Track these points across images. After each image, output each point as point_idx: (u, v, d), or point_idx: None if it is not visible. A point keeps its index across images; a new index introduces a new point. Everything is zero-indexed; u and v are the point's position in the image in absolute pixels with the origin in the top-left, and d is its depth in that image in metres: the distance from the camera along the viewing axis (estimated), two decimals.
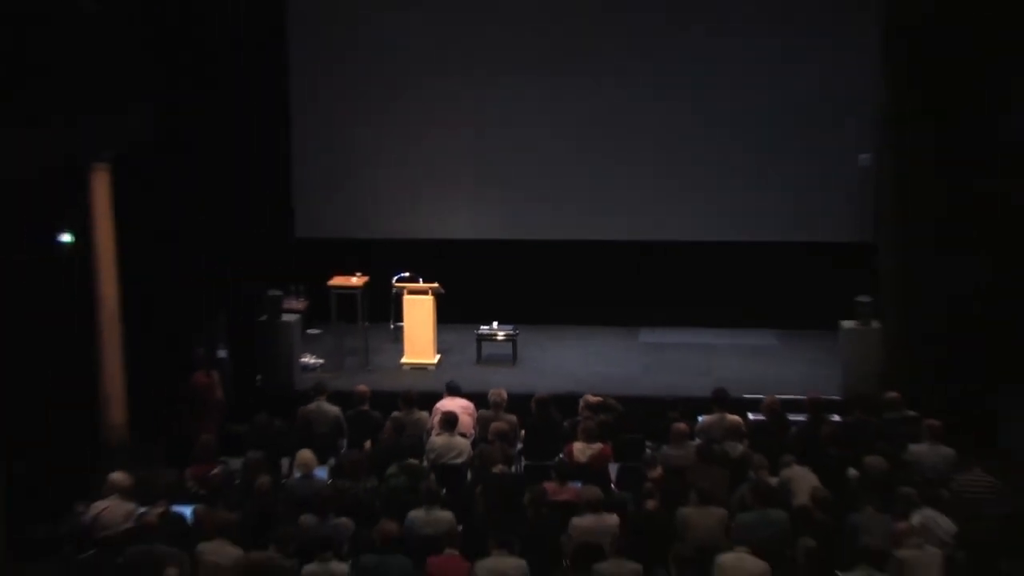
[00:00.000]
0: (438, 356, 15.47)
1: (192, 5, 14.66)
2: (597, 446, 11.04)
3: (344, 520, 9.68)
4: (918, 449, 10.83)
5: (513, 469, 11.00)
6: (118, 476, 10.05)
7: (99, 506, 9.80)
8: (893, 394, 12.07)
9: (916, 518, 9.33)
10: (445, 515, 9.69)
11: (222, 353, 13.97)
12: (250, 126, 15.46)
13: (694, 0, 15.89)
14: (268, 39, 15.85)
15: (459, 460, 11.14)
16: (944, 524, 9.51)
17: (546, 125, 16.31)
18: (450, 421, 11.37)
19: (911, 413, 11.70)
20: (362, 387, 12.43)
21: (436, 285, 15.15)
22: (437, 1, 16.23)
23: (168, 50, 14.45)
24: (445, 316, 15.48)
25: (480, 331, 15.61)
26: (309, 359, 15.44)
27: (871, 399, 12.37)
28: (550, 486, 10.20)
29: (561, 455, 11.09)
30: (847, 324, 14.45)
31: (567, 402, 12.22)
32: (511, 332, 15.59)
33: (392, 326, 15.78)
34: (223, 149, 15.13)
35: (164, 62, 14.40)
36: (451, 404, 11.91)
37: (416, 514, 9.69)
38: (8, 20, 11.78)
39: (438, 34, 16.27)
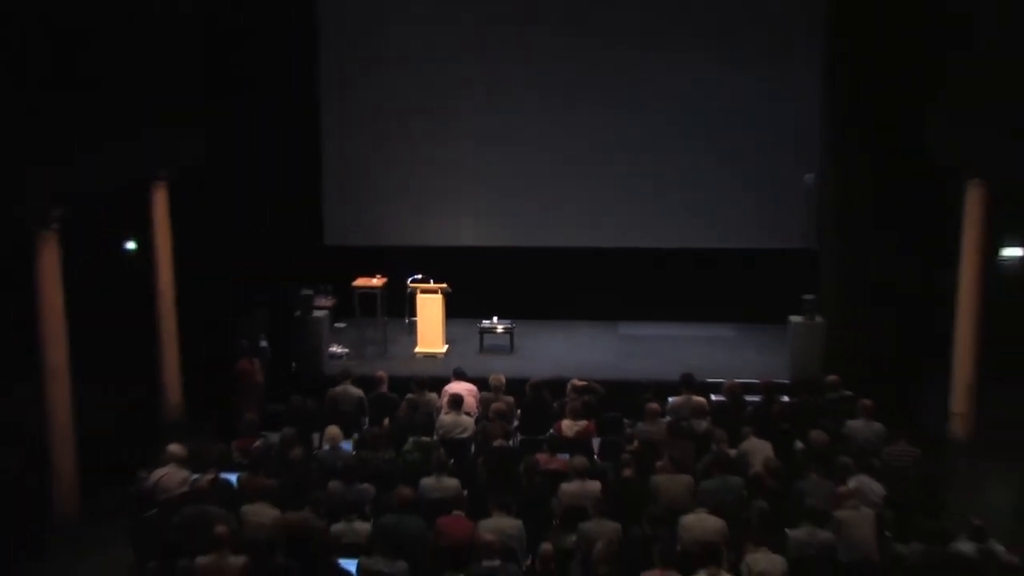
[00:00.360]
0: (446, 346, 15.45)
1: (234, 39, 14.70)
2: (582, 423, 11.00)
3: (367, 486, 9.67)
4: (854, 424, 10.82)
5: (510, 443, 10.93)
6: (175, 447, 10.01)
7: (159, 473, 9.77)
8: (833, 377, 12.06)
9: (852, 483, 9.36)
10: (452, 482, 9.67)
11: (263, 343, 13.90)
12: (285, 148, 15.51)
13: (669, 36, 15.81)
14: (301, 73, 15.85)
15: (464, 435, 11.09)
16: (876, 488, 9.55)
17: (539, 149, 16.24)
18: (456, 402, 11.31)
19: (848, 393, 11.67)
20: (381, 372, 12.37)
21: (444, 285, 15.14)
22: (450, 37, 16.22)
23: (216, 81, 14.50)
24: (452, 312, 15.44)
25: (482, 325, 15.59)
26: (336, 348, 15.41)
27: (815, 382, 12.43)
28: (542, 457, 10.15)
29: (551, 431, 11.05)
30: (795, 319, 14.47)
31: (556, 385, 12.12)
32: (509, 326, 15.57)
33: (407, 320, 15.73)
34: (262, 168, 15.20)
35: (212, 92, 14.46)
36: (457, 387, 11.86)
37: (428, 481, 9.67)
38: (91, 60, 11.87)
39: (446, 72, 16.23)
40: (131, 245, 13.54)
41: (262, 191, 15.20)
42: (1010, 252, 12.47)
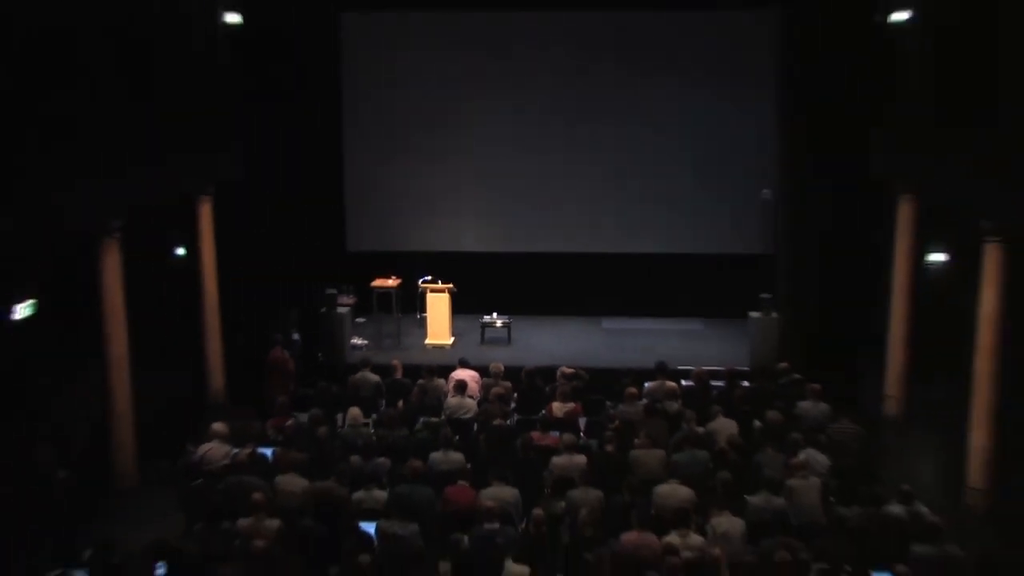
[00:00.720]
0: (452, 338, 15.47)
1: (267, 68, 14.70)
2: (570, 405, 11.01)
3: (383, 460, 9.69)
4: (804, 405, 10.84)
5: (508, 422, 10.96)
6: (218, 425, 10.04)
7: (204, 447, 9.80)
8: (785, 364, 12.12)
9: (802, 456, 9.39)
10: (458, 456, 9.69)
11: (294, 336, 13.88)
12: (312, 165, 15.55)
13: (655, 66, 15.86)
14: (324, 98, 15.88)
15: (468, 416, 11.08)
16: (822, 460, 9.59)
17: (536, 166, 16.29)
18: (461, 386, 11.28)
19: (798, 378, 11.71)
20: (396, 361, 12.40)
21: (451, 285, 15.18)
22: (458, 71, 16.25)
23: (250, 105, 14.53)
24: (458, 308, 15.48)
25: (483, 320, 15.61)
26: (357, 340, 15.43)
27: (770, 370, 12.42)
28: (535, 434, 10.18)
29: (544, 412, 11.06)
30: (754, 314, 14.50)
31: (548, 373, 12.10)
32: (507, 321, 15.58)
33: (418, 316, 15.73)
34: (293, 183, 15.23)
35: (247, 115, 14.50)
36: (462, 374, 11.82)
37: (436, 455, 9.67)
38: (144, 90, 11.91)
39: (453, 98, 16.28)
40: (181, 251, 13.56)
41: (292, 203, 15.24)
42: (935, 257, 12.63)
